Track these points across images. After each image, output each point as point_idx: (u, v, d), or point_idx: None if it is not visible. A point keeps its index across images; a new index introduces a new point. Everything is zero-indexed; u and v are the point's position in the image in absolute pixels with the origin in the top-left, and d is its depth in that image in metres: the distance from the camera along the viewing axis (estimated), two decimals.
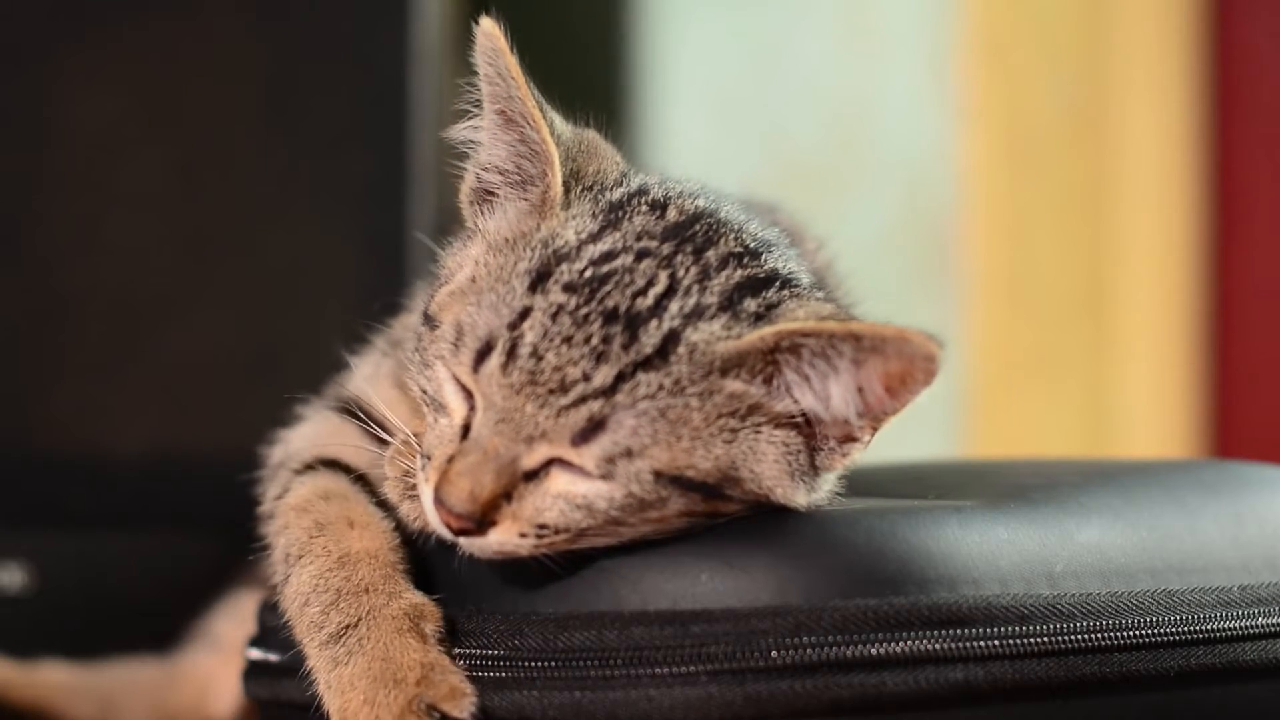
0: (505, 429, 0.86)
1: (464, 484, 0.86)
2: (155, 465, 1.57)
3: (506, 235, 0.93)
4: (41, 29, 1.59)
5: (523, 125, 0.93)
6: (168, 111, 1.60)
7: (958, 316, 2.31)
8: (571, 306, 0.87)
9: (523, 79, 0.92)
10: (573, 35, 2.39)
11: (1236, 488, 1.04)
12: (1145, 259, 2.42)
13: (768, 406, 0.88)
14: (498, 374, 0.86)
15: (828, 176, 2.32)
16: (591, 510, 0.86)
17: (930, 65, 2.32)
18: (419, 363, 0.92)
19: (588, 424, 0.85)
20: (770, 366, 0.88)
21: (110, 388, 1.59)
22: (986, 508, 0.94)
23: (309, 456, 1.01)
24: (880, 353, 0.86)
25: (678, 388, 0.86)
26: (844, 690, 0.85)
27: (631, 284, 0.88)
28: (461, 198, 0.97)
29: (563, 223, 0.91)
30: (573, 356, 0.86)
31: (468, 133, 0.97)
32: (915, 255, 2.32)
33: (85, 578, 1.55)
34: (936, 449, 2.24)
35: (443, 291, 0.93)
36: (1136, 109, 2.41)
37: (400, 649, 0.88)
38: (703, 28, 2.37)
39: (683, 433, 0.86)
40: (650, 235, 0.91)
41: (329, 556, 0.93)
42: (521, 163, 0.94)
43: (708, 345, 0.87)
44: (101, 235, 1.59)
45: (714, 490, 0.88)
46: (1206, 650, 0.93)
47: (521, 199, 0.94)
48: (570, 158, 0.94)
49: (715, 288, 0.89)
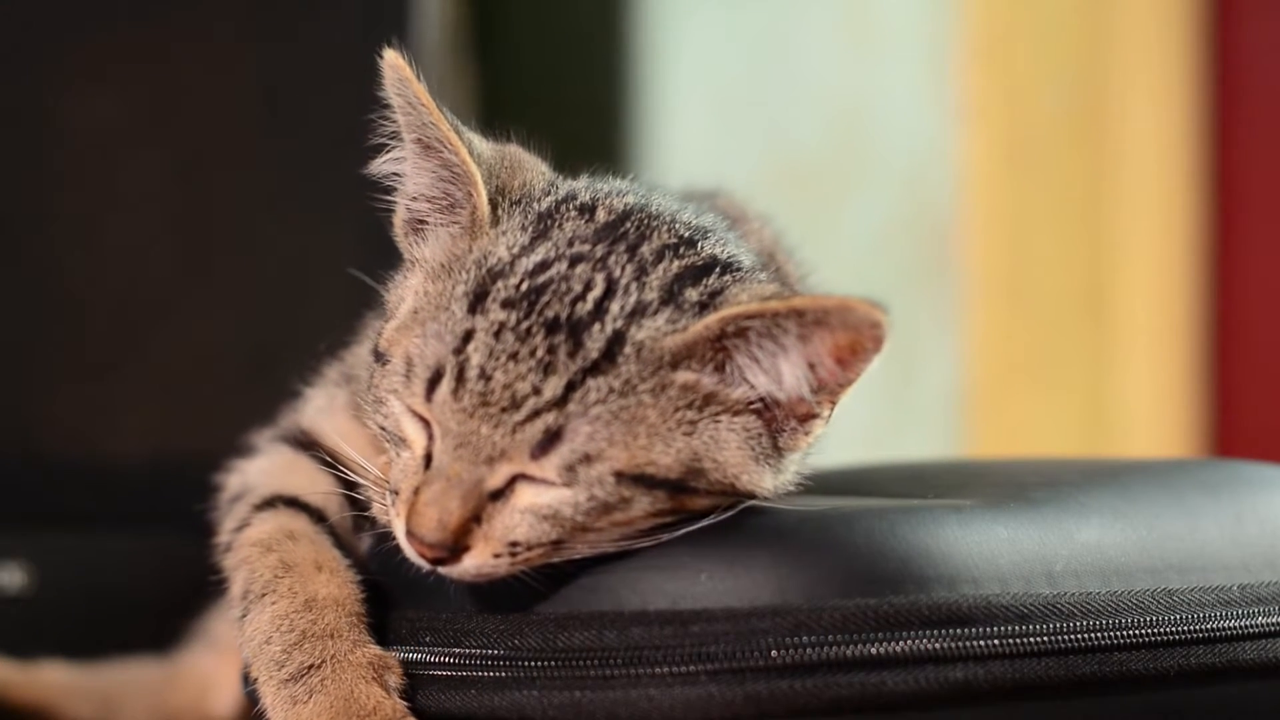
0: (465, 453, 0.86)
1: (432, 513, 0.86)
2: (155, 465, 1.57)
3: (442, 261, 0.93)
4: (41, 29, 1.59)
5: (441, 150, 0.93)
6: (168, 111, 1.61)
7: (957, 316, 2.31)
8: (513, 322, 0.87)
9: (433, 104, 0.92)
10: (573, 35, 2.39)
11: (1236, 487, 1.04)
12: (1145, 259, 2.42)
13: (723, 394, 0.88)
14: (450, 400, 0.86)
15: (828, 176, 2.32)
16: (558, 519, 0.86)
17: (930, 65, 2.32)
18: (373, 400, 0.92)
19: (544, 436, 0.85)
20: (720, 353, 0.88)
21: (110, 388, 1.59)
22: (986, 507, 0.94)
23: (268, 491, 1.01)
24: (825, 325, 0.86)
25: (629, 388, 0.86)
26: (844, 689, 0.85)
27: (569, 291, 0.88)
28: (395, 230, 0.97)
29: (494, 240, 0.91)
30: (520, 372, 0.86)
31: (389, 165, 0.96)
32: (915, 255, 2.32)
33: (85, 578, 1.55)
34: (936, 449, 2.24)
35: (389, 326, 0.93)
36: (1136, 109, 2.41)
37: (364, 693, 0.89)
38: (703, 28, 2.37)
39: (639, 431, 0.86)
40: (582, 239, 0.91)
41: (295, 598, 0.93)
42: (446, 187, 0.94)
43: (654, 341, 0.87)
44: (101, 235, 1.59)
45: (679, 485, 0.87)
46: (1206, 649, 0.93)
47: (452, 223, 0.94)
48: (494, 174, 0.94)
49: (654, 282, 0.89)
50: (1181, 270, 2.46)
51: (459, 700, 0.90)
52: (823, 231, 2.31)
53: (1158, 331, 2.43)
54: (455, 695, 0.90)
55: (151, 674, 1.38)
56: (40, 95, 1.58)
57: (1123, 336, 2.39)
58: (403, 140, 0.94)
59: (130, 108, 1.59)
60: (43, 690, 1.36)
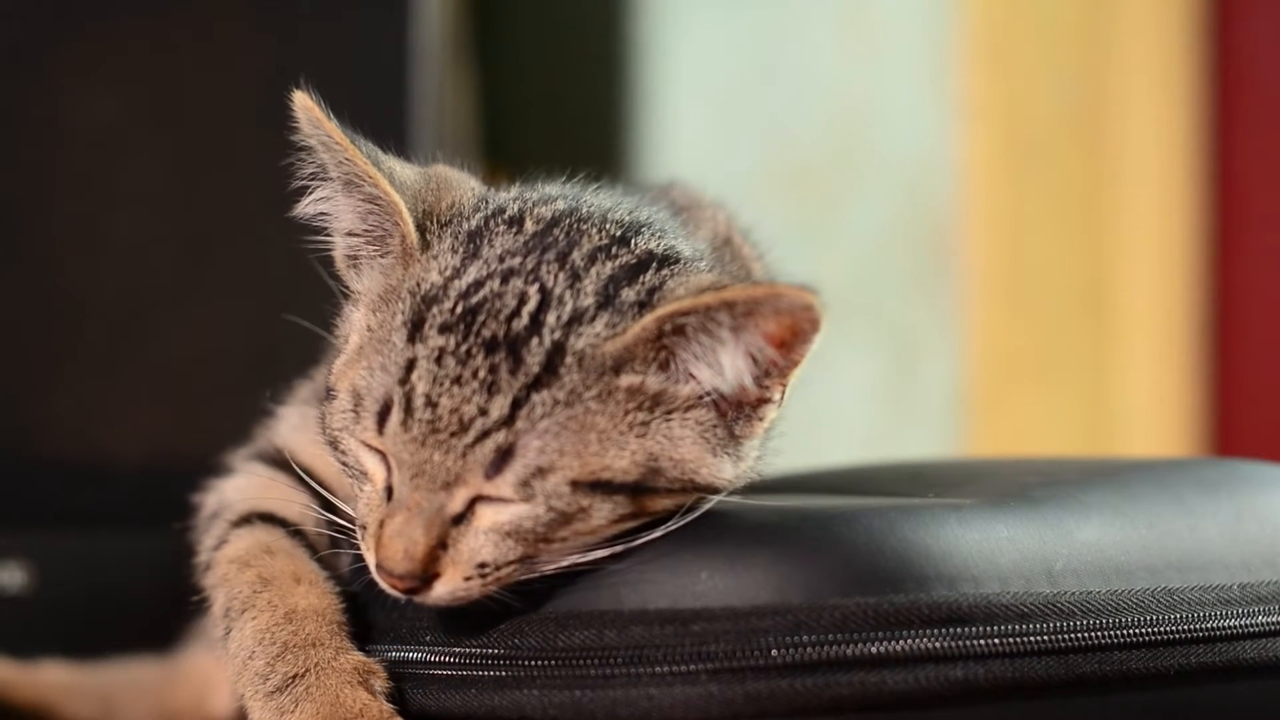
0: (422, 482, 0.86)
1: (398, 545, 0.86)
2: (155, 465, 1.57)
3: (379, 293, 0.93)
4: (41, 29, 1.59)
5: (362, 184, 0.93)
6: (168, 111, 1.60)
7: (958, 316, 2.31)
8: (452, 346, 0.87)
9: (347, 140, 0.92)
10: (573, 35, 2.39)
11: (1236, 486, 1.04)
12: (1145, 259, 2.42)
13: (671, 391, 0.88)
14: (400, 431, 0.87)
15: (828, 176, 2.32)
16: (521, 534, 0.86)
17: (930, 65, 2.32)
18: (329, 439, 0.92)
19: (496, 455, 0.85)
20: (662, 352, 0.88)
21: (110, 388, 1.59)
22: (986, 506, 0.94)
23: (245, 509, 1.01)
24: (757, 314, 0.86)
25: (574, 397, 0.86)
26: (844, 688, 0.85)
27: (504, 308, 0.88)
28: (338, 268, 0.97)
29: (426, 266, 0.91)
30: (465, 395, 0.86)
31: (315, 206, 0.96)
32: (915, 255, 2.32)
33: (85, 578, 1.55)
34: (936, 449, 2.24)
35: (338, 362, 0.93)
36: (1136, 109, 2.41)
37: (350, 697, 0.89)
38: (703, 28, 2.37)
39: (590, 439, 0.86)
40: (512, 253, 0.90)
41: (275, 611, 0.93)
42: (374, 220, 0.94)
43: (594, 348, 0.87)
44: (101, 235, 1.59)
45: (638, 487, 0.87)
46: (1206, 648, 0.93)
47: (385, 254, 0.94)
48: (419, 199, 0.94)
49: (588, 288, 0.89)
50: (1181, 270, 2.46)
51: (459, 700, 0.90)
52: (823, 231, 2.31)
53: (1158, 331, 2.43)
54: (455, 695, 0.90)
55: (151, 674, 1.38)
56: (40, 95, 1.58)
57: (1123, 336, 2.39)
58: (324, 180, 0.94)
59: (130, 107, 1.59)
60: (43, 690, 1.36)
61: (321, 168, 0.94)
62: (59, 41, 1.58)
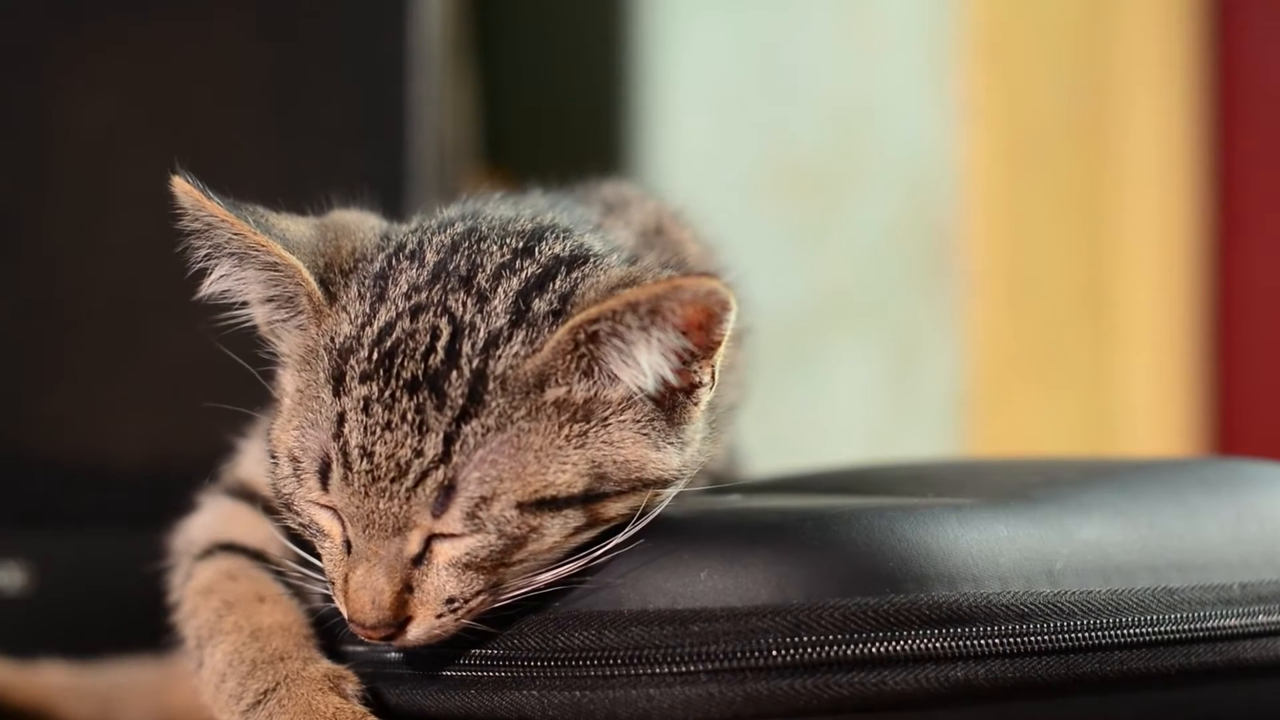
0: (374, 531, 0.86)
1: (364, 597, 0.87)
2: (155, 465, 1.57)
3: (301, 354, 0.92)
4: (41, 29, 1.59)
5: (257, 254, 0.92)
6: (168, 112, 1.60)
7: (958, 316, 2.31)
8: (376, 394, 0.86)
9: (232, 215, 0.91)
10: (573, 36, 2.39)
11: (1237, 485, 1.04)
12: (1145, 258, 2.42)
13: (601, 396, 0.88)
14: (343, 486, 0.87)
15: (828, 176, 2.32)
16: (477, 564, 0.86)
17: (930, 65, 2.32)
18: (282, 503, 0.92)
19: (439, 493, 0.85)
20: (583, 359, 0.87)
21: (110, 388, 1.59)
22: (986, 506, 0.94)
23: (206, 541, 1.01)
24: (662, 309, 0.86)
25: (504, 421, 0.86)
26: (844, 689, 0.85)
27: (418, 346, 0.87)
28: (262, 335, 0.97)
29: (337, 319, 0.91)
30: (398, 439, 0.85)
31: (220, 284, 0.95)
32: (916, 255, 2.32)
33: (85, 578, 1.55)
34: (936, 449, 2.24)
35: (274, 428, 0.93)
36: (1137, 109, 2.41)
37: (323, 703, 0.89)
38: (703, 28, 2.37)
39: (528, 459, 0.86)
40: (417, 289, 0.90)
41: (241, 632, 0.94)
42: (279, 285, 0.93)
43: (514, 369, 0.87)
44: (101, 235, 1.59)
45: (587, 497, 0.87)
46: (1207, 648, 0.93)
47: (297, 315, 0.94)
48: (318, 254, 0.93)
49: (498, 308, 0.88)
50: (1182, 269, 2.46)
51: (459, 700, 0.90)
52: (823, 231, 2.31)
53: (1158, 330, 2.43)
54: (455, 695, 0.90)
55: (151, 674, 1.38)
56: (40, 96, 1.58)
57: (1123, 335, 2.40)
58: (222, 257, 0.93)
59: (130, 108, 1.59)
60: (42, 690, 1.36)
61: (216, 247, 0.93)
62: (59, 42, 1.58)
